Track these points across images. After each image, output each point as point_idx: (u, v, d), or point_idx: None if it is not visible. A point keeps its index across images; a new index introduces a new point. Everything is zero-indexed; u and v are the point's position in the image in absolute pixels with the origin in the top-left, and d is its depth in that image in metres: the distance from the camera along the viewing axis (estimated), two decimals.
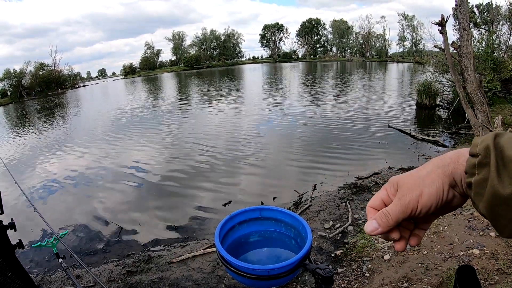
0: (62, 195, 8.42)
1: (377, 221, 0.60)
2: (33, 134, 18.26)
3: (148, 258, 5.01)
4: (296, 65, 74.69)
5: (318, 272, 0.84)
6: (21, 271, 1.68)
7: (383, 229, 0.59)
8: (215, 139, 12.40)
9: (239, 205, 6.66)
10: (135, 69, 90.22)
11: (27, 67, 61.32)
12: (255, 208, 1.10)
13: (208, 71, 72.41)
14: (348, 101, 19.18)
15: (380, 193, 0.63)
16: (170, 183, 8.38)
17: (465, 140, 9.64)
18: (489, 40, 14.94)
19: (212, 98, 26.08)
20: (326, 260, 4.34)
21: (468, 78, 8.13)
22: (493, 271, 3.08)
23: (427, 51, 44.06)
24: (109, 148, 12.55)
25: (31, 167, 11.30)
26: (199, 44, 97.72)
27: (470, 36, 8.37)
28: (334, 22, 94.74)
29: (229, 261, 0.87)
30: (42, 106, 37.01)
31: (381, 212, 0.60)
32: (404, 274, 3.42)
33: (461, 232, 3.86)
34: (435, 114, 14.34)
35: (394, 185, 0.60)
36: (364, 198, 6.24)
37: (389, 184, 0.62)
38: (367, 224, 0.61)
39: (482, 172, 0.49)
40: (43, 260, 5.34)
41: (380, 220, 0.59)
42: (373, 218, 0.60)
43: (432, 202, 0.56)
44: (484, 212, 0.50)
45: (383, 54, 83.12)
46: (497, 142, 0.49)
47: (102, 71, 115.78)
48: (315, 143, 10.80)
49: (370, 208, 0.63)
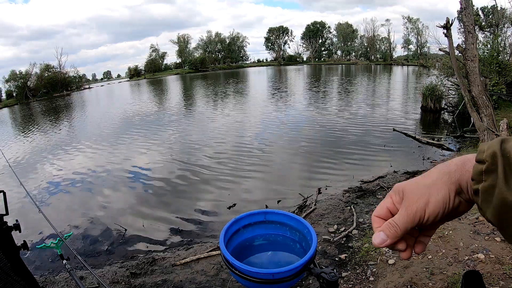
0: (66, 197, 8.45)
1: (385, 233, 0.59)
2: (38, 135, 18.38)
3: (152, 260, 5.01)
4: (301, 68, 74.71)
5: (323, 276, 0.83)
6: (25, 272, 1.69)
7: (392, 240, 0.59)
8: (220, 142, 12.41)
9: (244, 208, 6.66)
10: (140, 71, 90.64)
11: (32, 69, 61.87)
12: (260, 211, 1.10)
13: (213, 74, 72.57)
14: (352, 104, 19.16)
15: (385, 201, 0.62)
16: (175, 185, 8.40)
17: (470, 143, 9.58)
18: (494, 43, 14.91)
19: (217, 101, 26.15)
20: (330, 264, 4.32)
21: (473, 81, 8.09)
22: (498, 276, 3.05)
23: (432, 54, 43.92)
24: (114, 150, 12.60)
25: (36, 168, 11.37)
26: (204, 47, 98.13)
27: (475, 39, 8.33)
28: (339, 25, 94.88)
29: (234, 264, 0.87)
30: (48, 107, 37.27)
31: (388, 223, 0.59)
32: (408, 279, 3.39)
33: (466, 237, 3.83)
34: (440, 117, 14.29)
35: (399, 193, 0.60)
36: (368, 202, 6.21)
37: (394, 192, 0.61)
38: (375, 236, 0.60)
39: (489, 179, 0.49)
40: (47, 261, 5.36)
41: (388, 232, 0.59)
42: (380, 230, 0.60)
43: (439, 210, 0.56)
44: (491, 219, 0.50)
45: (388, 57, 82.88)
46: (504, 148, 0.49)
47: (107, 73, 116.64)
48: (319, 147, 10.78)
49: (376, 217, 0.62)
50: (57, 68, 66.52)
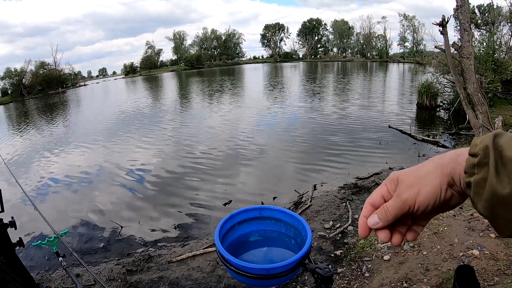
0: (62, 194, 8.43)
1: (378, 216, 0.61)
2: (34, 132, 18.29)
3: (148, 257, 5.01)
4: (297, 65, 74.64)
5: (317, 271, 0.84)
6: (21, 270, 1.68)
7: (383, 223, 0.61)
8: (215, 138, 12.40)
9: (239, 204, 6.66)
10: (135, 68, 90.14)
11: (28, 66, 61.39)
12: (255, 207, 1.10)
13: (208, 71, 72.37)
14: (348, 101, 19.18)
15: (381, 188, 0.64)
16: (170, 182, 8.39)
17: (465, 140, 9.64)
18: (490, 41, 14.96)
19: (212, 97, 26.09)
20: (325, 260, 4.34)
21: (469, 79, 8.13)
22: (493, 272, 3.08)
23: (428, 52, 44.11)
24: (109, 147, 12.56)
25: (31, 165, 11.31)
26: (200, 43, 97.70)
27: (471, 37, 8.36)
28: (335, 22, 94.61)
29: (229, 260, 0.88)
30: (43, 104, 37.04)
31: (381, 207, 0.61)
32: (403, 275, 3.42)
33: (461, 233, 3.86)
34: (436, 114, 14.33)
35: (394, 181, 0.61)
36: (364, 198, 6.23)
37: (389, 180, 0.63)
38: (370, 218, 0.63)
39: (481, 172, 0.50)
40: (43, 258, 5.35)
41: (380, 215, 0.61)
42: (375, 213, 0.62)
43: (429, 201, 0.57)
44: (483, 212, 0.50)
45: (384, 54, 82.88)
46: (496, 142, 0.50)
47: (102, 70, 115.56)
48: (315, 143, 10.80)
49: (368, 204, 0.64)
50: (52, 65, 66.20)
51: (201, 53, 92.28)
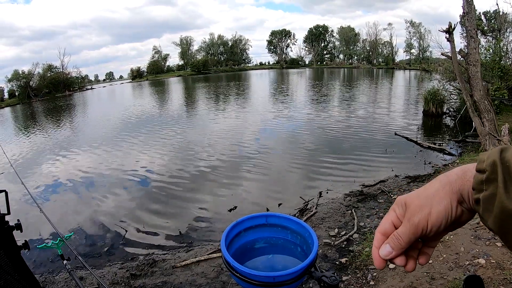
0: (68, 197, 8.46)
1: (390, 245, 0.59)
2: (40, 135, 18.42)
3: (152, 262, 5.01)
4: (303, 71, 74.79)
5: (324, 280, 0.83)
6: (26, 272, 1.69)
7: (397, 252, 0.59)
8: (221, 144, 12.41)
9: (245, 211, 6.64)
10: (142, 73, 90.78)
11: (35, 69, 62.14)
12: (261, 214, 1.10)
13: (215, 76, 72.71)
14: (354, 108, 19.15)
15: (389, 215, 0.62)
16: (175, 187, 8.39)
17: (471, 148, 9.55)
18: (496, 47, 14.91)
19: (218, 103, 26.17)
20: (331, 267, 4.31)
21: (475, 86, 8.10)
22: (499, 281, 3.04)
23: (434, 59, 43.91)
24: (115, 151, 12.61)
25: (37, 168, 11.38)
26: (206, 49, 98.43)
27: (478, 43, 8.34)
28: (341, 29, 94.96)
29: (235, 267, 0.87)
30: (50, 107, 37.35)
31: (392, 235, 0.60)
32: (409, 283, 3.39)
33: (467, 242, 3.82)
34: (442, 122, 14.26)
35: (402, 205, 0.60)
36: (370, 206, 6.20)
37: (397, 205, 0.61)
38: (382, 248, 0.61)
39: (490, 188, 0.49)
40: (47, 261, 5.36)
41: (393, 244, 0.59)
42: (386, 242, 0.60)
43: (441, 220, 0.56)
44: (493, 228, 0.50)
45: (390, 61, 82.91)
46: (503, 157, 0.49)
47: (109, 74, 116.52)
48: (320, 150, 10.77)
49: (379, 234, 0.62)
50: (59, 68, 66.87)
51: (207, 59, 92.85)
